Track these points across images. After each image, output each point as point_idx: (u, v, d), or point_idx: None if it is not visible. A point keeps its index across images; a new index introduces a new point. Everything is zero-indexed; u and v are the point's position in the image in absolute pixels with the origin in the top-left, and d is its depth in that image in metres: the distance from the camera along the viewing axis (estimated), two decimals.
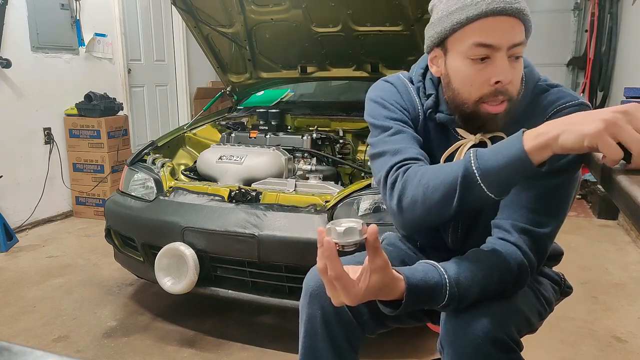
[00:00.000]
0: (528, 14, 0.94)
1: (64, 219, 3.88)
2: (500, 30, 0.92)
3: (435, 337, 1.00)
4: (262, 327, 2.23)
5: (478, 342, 0.89)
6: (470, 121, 1.00)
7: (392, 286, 0.83)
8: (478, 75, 0.94)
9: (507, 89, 0.94)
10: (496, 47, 0.92)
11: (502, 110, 0.96)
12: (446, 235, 1.15)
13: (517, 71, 0.96)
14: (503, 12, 0.91)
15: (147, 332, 2.18)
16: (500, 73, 0.92)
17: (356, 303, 0.82)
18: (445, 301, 0.88)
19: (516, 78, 0.96)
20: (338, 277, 0.79)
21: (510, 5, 0.91)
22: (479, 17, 0.92)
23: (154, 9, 4.98)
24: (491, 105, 0.95)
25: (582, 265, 2.88)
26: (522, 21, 0.93)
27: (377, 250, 0.79)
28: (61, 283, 2.68)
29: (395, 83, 1.13)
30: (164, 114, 5.28)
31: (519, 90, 0.98)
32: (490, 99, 0.95)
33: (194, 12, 2.76)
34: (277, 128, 2.65)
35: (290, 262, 1.87)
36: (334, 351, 1.06)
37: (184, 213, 2.03)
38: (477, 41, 0.93)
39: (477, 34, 0.93)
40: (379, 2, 2.38)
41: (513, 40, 0.92)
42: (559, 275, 1.23)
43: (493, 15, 0.91)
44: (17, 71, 3.43)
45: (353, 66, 2.82)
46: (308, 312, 1.06)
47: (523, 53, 0.96)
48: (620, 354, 2.01)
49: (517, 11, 0.92)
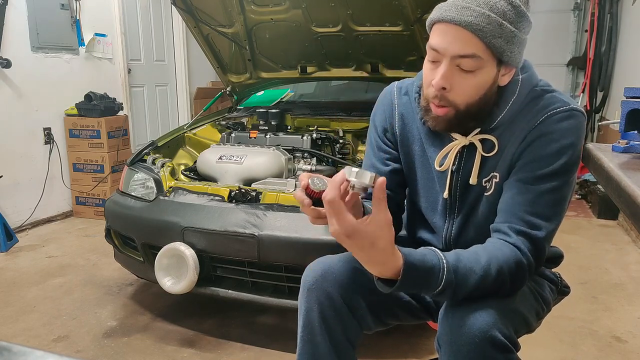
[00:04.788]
0: (488, 30, 0.93)
1: (64, 219, 3.88)
2: (447, 38, 0.96)
3: (434, 336, 1.00)
4: (262, 327, 2.23)
5: (475, 341, 0.89)
6: (425, 113, 1.06)
7: (389, 259, 0.85)
8: (428, 75, 1.02)
9: (445, 96, 0.99)
10: (441, 52, 0.97)
11: (443, 114, 1.01)
12: (439, 236, 1.17)
13: (467, 82, 0.97)
14: (453, 21, 0.94)
15: (147, 332, 2.18)
16: (436, 77, 0.98)
17: (344, 234, 0.82)
18: (441, 286, 0.89)
19: (461, 88, 0.98)
20: (332, 201, 0.82)
21: (460, 17, 0.93)
22: (437, 22, 0.98)
23: (154, 9, 4.98)
24: (434, 106, 1.02)
25: (582, 265, 2.88)
26: (478, 36, 0.93)
27: (382, 202, 0.82)
28: (61, 283, 2.68)
29: (380, 98, 1.23)
30: (164, 114, 5.28)
31: (471, 101, 1.00)
32: (432, 100, 1.01)
33: (194, 12, 2.76)
34: (277, 128, 2.65)
35: (290, 262, 1.87)
36: (331, 345, 1.07)
37: (184, 213, 2.03)
38: (430, 43, 0.99)
39: (433, 36, 0.99)
40: (379, 2, 2.38)
41: (457, 50, 0.95)
42: (556, 275, 1.25)
43: (445, 22, 0.96)
44: (17, 71, 3.43)
45: (353, 66, 2.82)
46: (306, 306, 1.08)
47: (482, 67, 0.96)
48: (620, 354, 2.01)
49: (468, 24, 0.93)
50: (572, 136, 0.99)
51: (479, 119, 1.03)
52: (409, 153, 1.17)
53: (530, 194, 0.99)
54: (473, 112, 1.01)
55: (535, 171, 0.99)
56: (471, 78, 0.97)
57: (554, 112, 1.00)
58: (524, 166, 1.01)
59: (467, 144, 1.06)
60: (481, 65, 0.96)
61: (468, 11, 0.93)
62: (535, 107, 1.03)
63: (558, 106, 1.01)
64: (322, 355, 1.07)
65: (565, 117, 0.99)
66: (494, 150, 1.04)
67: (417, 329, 2.08)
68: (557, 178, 0.99)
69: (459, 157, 1.09)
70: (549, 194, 0.99)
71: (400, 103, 1.18)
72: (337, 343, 1.07)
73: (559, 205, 1.01)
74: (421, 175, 1.16)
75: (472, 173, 1.07)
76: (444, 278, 0.89)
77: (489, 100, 1.02)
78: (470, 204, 1.10)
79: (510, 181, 1.02)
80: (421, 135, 1.14)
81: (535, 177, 0.99)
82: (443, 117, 1.01)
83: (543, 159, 0.99)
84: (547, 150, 0.99)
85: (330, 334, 1.07)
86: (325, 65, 2.87)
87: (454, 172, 1.10)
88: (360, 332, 1.12)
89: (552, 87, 1.07)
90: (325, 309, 1.06)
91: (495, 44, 0.94)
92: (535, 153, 1.00)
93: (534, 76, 1.07)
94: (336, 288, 1.07)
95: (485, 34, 0.93)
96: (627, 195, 0.65)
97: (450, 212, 1.13)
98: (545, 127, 1.00)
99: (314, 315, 1.07)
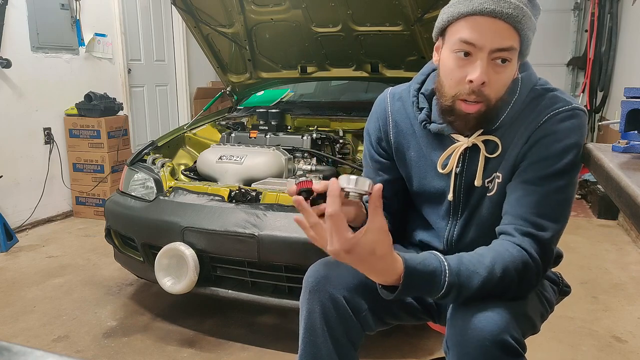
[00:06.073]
0: (524, 22, 0.94)
1: (64, 219, 3.88)
2: (485, 31, 0.93)
3: (435, 336, 1.01)
4: (262, 327, 2.23)
5: (485, 345, 0.88)
6: (446, 114, 1.02)
7: (390, 265, 0.84)
8: (458, 70, 0.97)
9: (482, 91, 0.96)
10: (478, 46, 0.94)
11: (475, 111, 0.98)
12: (440, 238, 1.17)
13: (500, 76, 0.97)
14: (492, 14, 0.92)
15: (147, 332, 2.18)
16: (474, 72, 0.94)
17: (344, 251, 0.81)
18: (444, 289, 0.89)
19: (496, 82, 0.97)
20: (334, 215, 0.80)
21: (500, 9, 0.92)
22: (469, 14, 0.94)
23: (154, 9, 4.98)
24: (465, 104, 0.98)
25: (582, 265, 2.88)
26: (515, 28, 0.93)
27: (377, 209, 0.81)
28: (61, 283, 2.68)
29: (374, 107, 1.22)
30: (164, 114, 5.28)
31: (500, 96, 0.99)
32: (465, 97, 0.97)
33: (194, 12, 2.76)
34: (277, 128, 2.65)
35: (290, 262, 1.87)
36: (333, 347, 1.06)
37: (184, 213, 2.03)
38: (462, 37, 0.95)
39: (464, 30, 0.95)
40: (379, 2, 2.38)
41: (497, 44, 0.93)
42: (557, 275, 1.24)
43: (482, 15, 0.93)
44: (17, 71, 3.43)
45: (353, 66, 2.82)
46: (308, 308, 1.08)
47: (513, 59, 0.96)
48: (620, 354, 2.01)
49: (508, 16, 0.92)
50: (576, 135, 0.99)
51: (495, 114, 1.02)
52: (404, 159, 1.16)
53: (535, 195, 0.98)
54: (498, 106, 1.00)
55: (540, 172, 0.99)
56: (505, 71, 0.97)
57: (557, 111, 1.00)
58: (528, 167, 1.00)
59: (469, 145, 1.06)
60: (513, 57, 0.96)
61: (505, 3, 0.92)
62: (537, 107, 1.02)
63: (561, 106, 1.00)
64: (324, 357, 1.06)
65: (568, 117, 0.99)
66: (497, 151, 1.04)
67: (418, 330, 2.08)
68: (562, 178, 0.98)
69: (462, 158, 1.08)
70: (554, 195, 0.98)
71: (394, 110, 1.17)
72: (339, 345, 1.07)
73: (565, 206, 1.01)
74: (420, 178, 1.15)
75: (477, 174, 1.06)
76: (447, 281, 0.88)
77: (510, 94, 1.02)
78: (473, 205, 1.10)
79: (515, 183, 1.02)
80: (419, 140, 1.13)
81: (541, 178, 0.99)
82: (474, 114, 0.99)
83: (548, 160, 0.98)
84: (551, 151, 0.98)
85: (332, 336, 1.06)
86: (325, 65, 2.87)
87: (458, 175, 1.09)
88: (363, 333, 1.12)
89: (552, 85, 1.07)
90: (327, 310, 1.06)
91: (528, 36, 0.95)
92: (540, 154, 0.99)
93: (533, 75, 1.07)
94: (339, 290, 1.06)
95: (523, 26, 0.93)
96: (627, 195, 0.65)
97: (453, 214, 1.13)
98: (549, 127, 0.99)
99: (316, 317, 1.06)
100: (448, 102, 1.00)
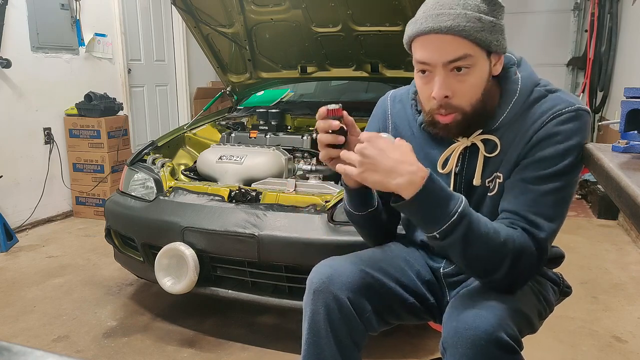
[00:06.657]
0: (469, 28, 0.94)
1: (64, 219, 3.88)
2: (432, 49, 0.97)
3: (436, 337, 1.00)
4: (262, 327, 2.23)
5: (481, 343, 0.89)
6: (430, 126, 1.07)
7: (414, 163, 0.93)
8: (424, 88, 1.03)
9: (449, 103, 1.00)
10: (431, 64, 0.98)
11: (451, 121, 1.02)
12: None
13: (465, 84, 0.98)
14: (433, 32, 0.95)
15: (147, 332, 2.18)
16: (434, 89, 0.99)
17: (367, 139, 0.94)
18: (455, 217, 0.92)
19: (462, 90, 0.99)
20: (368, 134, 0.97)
21: (439, 25, 0.94)
22: (416, 36, 0.99)
23: (154, 9, 4.98)
24: (441, 115, 1.02)
25: (582, 265, 2.88)
26: (462, 37, 0.95)
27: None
28: (61, 283, 2.68)
29: (375, 110, 1.26)
30: (164, 114, 5.28)
31: (476, 100, 1.00)
32: (436, 111, 1.02)
33: (194, 12, 2.76)
34: (277, 128, 2.65)
35: (290, 262, 1.87)
36: (337, 348, 1.06)
37: (184, 213, 2.03)
38: (416, 58, 1.01)
39: (417, 51, 1.00)
40: (379, 2, 2.38)
41: (447, 57, 0.96)
42: (557, 276, 1.24)
43: (426, 34, 0.97)
44: (17, 71, 3.43)
45: (353, 66, 2.82)
46: (312, 309, 1.08)
47: (475, 64, 0.97)
48: (620, 354, 2.01)
49: (449, 29, 0.94)
50: (578, 137, 0.99)
51: (486, 115, 1.03)
52: None
53: (533, 193, 0.99)
54: (479, 110, 1.01)
55: (539, 171, 0.99)
56: (469, 78, 0.98)
57: (560, 112, 1.00)
58: (528, 166, 1.01)
59: (469, 145, 1.07)
60: (474, 62, 0.97)
61: (444, 17, 0.94)
62: (540, 108, 1.02)
63: (564, 107, 1.01)
64: (328, 358, 1.06)
65: (571, 118, 0.99)
66: (497, 150, 1.04)
67: (419, 330, 2.08)
68: (561, 178, 0.99)
69: (462, 158, 1.09)
70: (552, 194, 0.99)
71: (394, 112, 1.20)
72: (343, 346, 1.07)
73: (562, 206, 1.01)
74: None
75: (476, 174, 1.07)
76: (460, 209, 0.93)
77: (492, 95, 1.03)
78: (474, 204, 1.10)
79: (513, 180, 1.02)
80: (419, 141, 1.13)
81: (539, 177, 0.99)
82: (453, 124, 1.02)
83: (548, 160, 0.99)
84: (553, 152, 0.99)
85: (336, 337, 1.06)
86: (325, 65, 2.87)
87: (457, 174, 1.10)
88: (366, 334, 1.12)
89: (554, 86, 1.07)
90: (331, 311, 1.06)
91: (480, 37, 0.95)
92: (541, 154, 1.00)
93: (534, 75, 1.07)
94: (343, 290, 1.06)
95: (468, 31, 0.94)
96: (627, 195, 0.65)
97: None
98: (552, 128, 1.00)
99: (320, 318, 1.06)
100: (428, 116, 1.06)
